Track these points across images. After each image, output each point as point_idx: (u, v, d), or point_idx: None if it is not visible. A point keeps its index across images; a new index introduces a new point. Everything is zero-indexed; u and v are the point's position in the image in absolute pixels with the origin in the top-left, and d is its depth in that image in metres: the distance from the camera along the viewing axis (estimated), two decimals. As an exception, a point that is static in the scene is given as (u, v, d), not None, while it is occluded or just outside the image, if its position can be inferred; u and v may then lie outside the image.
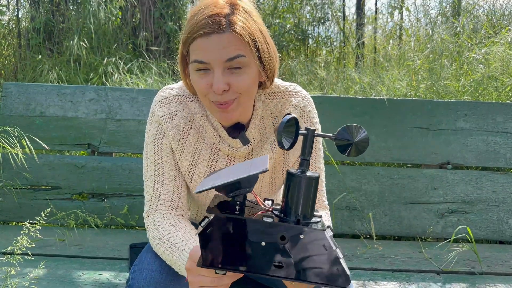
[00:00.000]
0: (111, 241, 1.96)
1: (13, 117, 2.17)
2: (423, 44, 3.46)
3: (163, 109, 1.17)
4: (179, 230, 1.10)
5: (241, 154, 1.18)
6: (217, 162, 1.18)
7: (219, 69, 1.02)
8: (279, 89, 1.20)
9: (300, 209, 0.82)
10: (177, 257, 1.04)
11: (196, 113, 1.18)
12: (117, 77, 3.40)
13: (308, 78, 3.59)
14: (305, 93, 1.23)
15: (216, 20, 1.00)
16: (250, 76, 1.06)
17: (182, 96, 1.18)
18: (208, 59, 1.02)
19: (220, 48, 1.01)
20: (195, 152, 1.17)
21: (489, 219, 2.13)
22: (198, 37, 1.02)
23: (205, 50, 1.01)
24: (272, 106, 1.20)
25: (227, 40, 1.01)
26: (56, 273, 1.65)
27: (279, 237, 0.81)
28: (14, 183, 2.11)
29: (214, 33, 1.00)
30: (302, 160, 0.84)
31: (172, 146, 1.17)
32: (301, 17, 5.41)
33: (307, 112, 1.20)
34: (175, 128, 1.16)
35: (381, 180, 2.16)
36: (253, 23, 1.05)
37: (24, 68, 4.24)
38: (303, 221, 0.82)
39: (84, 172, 2.16)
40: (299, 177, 0.82)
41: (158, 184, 1.16)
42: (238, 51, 1.02)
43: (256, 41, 1.04)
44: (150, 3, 4.60)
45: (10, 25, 5.05)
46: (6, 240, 1.90)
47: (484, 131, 2.17)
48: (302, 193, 0.82)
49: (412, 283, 1.68)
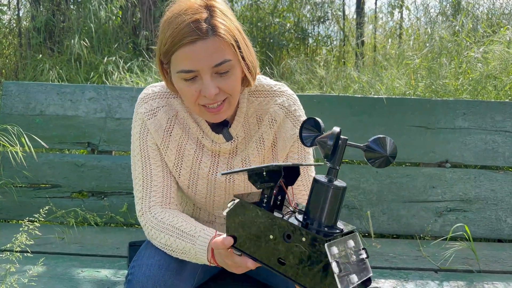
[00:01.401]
0: (110, 239, 1.97)
1: (13, 115, 2.18)
2: (422, 43, 3.47)
3: (146, 105, 1.18)
4: (185, 219, 1.11)
5: (225, 150, 1.19)
6: (202, 157, 1.19)
7: (208, 75, 1.03)
8: (264, 88, 1.21)
9: (318, 215, 0.82)
10: (192, 243, 1.06)
11: (179, 109, 1.19)
12: (117, 76, 3.41)
13: (307, 77, 3.59)
14: (290, 92, 1.23)
15: (199, 27, 0.99)
16: (237, 77, 1.08)
17: (164, 93, 1.20)
18: (195, 67, 1.02)
19: (207, 55, 1.01)
20: (180, 147, 1.18)
21: (487, 217, 2.14)
22: (181, 47, 1.00)
23: (191, 58, 1.01)
24: (257, 104, 1.20)
25: (212, 46, 1.01)
26: (56, 270, 1.66)
27: (286, 234, 0.83)
28: (14, 182, 2.12)
29: (199, 40, 0.99)
30: (330, 169, 0.83)
31: (157, 142, 1.18)
32: (301, 16, 5.41)
33: (292, 111, 1.21)
34: (158, 124, 1.17)
35: (379, 179, 2.16)
36: (231, 23, 1.05)
37: (25, 67, 4.26)
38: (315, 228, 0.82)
39: (84, 171, 2.17)
40: (325, 186, 0.81)
41: (147, 181, 1.18)
42: (224, 56, 1.02)
43: (237, 40, 1.05)
44: (150, 2, 4.60)
45: (11, 24, 5.06)
46: (6, 238, 1.90)
47: (483, 130, 2.17)
48: (322, 201, 0.82)
49: (410, 281, 1.69)
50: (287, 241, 0.83)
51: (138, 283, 1.08)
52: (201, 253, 1.04)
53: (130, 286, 1.08)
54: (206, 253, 1.03)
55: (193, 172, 1.20)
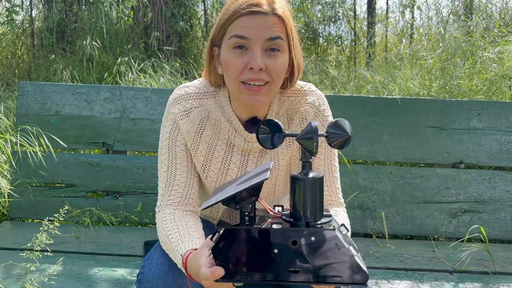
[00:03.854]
0: (125, 238, 1.99)
1: (29, 116, 2.21)
2: (435, 43, 3.45)
3: (179, 106, 1.19)
4: (179, 227, 1.11)
5: (256, 149, 1.20)
6: (232, 158, 1.20)
7: (258, 47, 1.07)
8: (294, 88, 1.23)
9: (309, 211, 0.83)
10: (174, 256, 1.07)
11: (211, 110, 1.20)
12: (131, 77, 3.43)
13: (319, 77, 3.59)
14: (319, 92, 1.26)
15: (260, 3, 1.07)
16: (284, 62, 1.11)
17: (197, 93, 1.21)
18: (250, 35, 1.06)
19: (263, 27, 1.06)
20: (210, 148, 1.20)
21: (502, 219, 2.13)
22: (241, 16, 1.07)
23: (248, 27, 1.06)
24: (288, 104, 1.22)
25: (270, 21, 1.07)
26: (73, 269, 1.68)
27: (290, 242, 0.81)
28: (31, 181, 2.15)
29: (259, 13, 1.06)
30: (304, 162, 0.85)
31: (187, 143, 1.20)
32: (312, 16, 5.40)
33: (321, 110, 1.23)
34: (190, 125, 1.18)
35: (393, 180, 2.16)
36: (290, 15, 1.12)
37: (38, 68, 4.30)
38: (312, 223, 0.83)
39: (98, 170, 2.19)
40: (302, 180, 0.83)
41: (171, 180, 1.19)
42: (278, 33, 1.08)
43: (292, 30, 1.11)
44: (161, 2, 4.62)
45: (24, 25, 5.11)
46: (23, 237, 1.93)
47: (498, 131, 2.16)
48: (308, 196, 0.83)
49: (425, 282, 1.68)
50: (293, 247, 0.81)
51: (148, 282, 1.09)
52: (179, 265, 1.05)
53: (141, 285, 1.10)
54: (183, 269, 1.02)
55: (221, 173, 1.21)
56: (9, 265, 1.58)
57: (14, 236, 1.98)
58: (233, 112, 1.18)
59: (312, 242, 0.81)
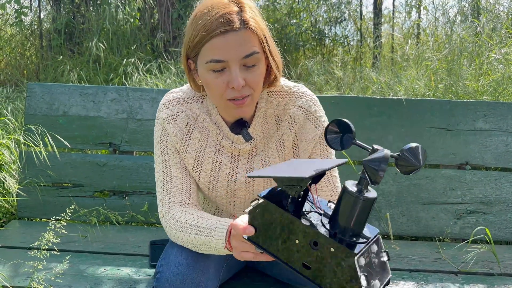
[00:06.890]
0: (132, 237, 2.00)
1: (37, 116, 2.23)
2: (442, 44, 3.44)
3: (166, 111, 1.22)
4: (201, 216, 1.13)
5: (244, 150, 1.21)
6: (222, 159, 1.21)
7: (236, 66, 1.06)
8: (282, 89, 1.22)
9: (344, 224, 0.81)
10: (210, 236, 1.07)
11: (198, 113, 1.22)
12: (137, 78, 3.45)
13: (325, 78, 3.59)
14: (309, 93, 1.24)
15: (230, 19, 1.04)
16: (262, 72, 1.11)
17: (185, 98, 1.23)
18: (226, 57, 1.05)
19: (237, 46, 1.04)
20: (200, 150, 1.21)
21: (508, 220, 2.12)
22: (213, 37, 1.04)
23: (222, 48, 1.04)
24: (275, 105, 1.22)
25: (242, 38, 1.05)
26: (79, 268, 1.69)
27: (312, 242, 0.82)
28: (38, 181, 2.17)
29: (230, 32, 1.04)
30: (361, 178, 0.80)
31: (176, 146, 1.21)
32: (318, 17, 5.41)
33: (312, 112, 1.22)
34: (177, 128, 1.20)
35: (398, 180, 2.16)
36: (260, 19, 1.10)
37: (46, 68, 4.34)
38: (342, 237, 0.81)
39: (105, 170, 2.21)
40: (354, 196, 0.79)
41: (167, 183, 1.20)
42: (253, 48, 1.06)
43: (265, 36, 1.09)
44: (168, 4, 4.65)
45: (32, 26, 5.16)
46: (30, 236, 1.95)
47: (504, 132, 2.15)
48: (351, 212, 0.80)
49: (430, 283, 1.68)
50: (313, 248, 0.82)
51: (167, 280, 1.10)
52: (220, 243, 1.06)
53: (159, 283, 1.11)
54: (224, 241, 1.05)
55: (213, 174, 1.22)
56: (17, 263, 1.60)
57: (22, 235, 2.00)
58: (219, 116, 1.20)
59: (331, 252, 0.80)
